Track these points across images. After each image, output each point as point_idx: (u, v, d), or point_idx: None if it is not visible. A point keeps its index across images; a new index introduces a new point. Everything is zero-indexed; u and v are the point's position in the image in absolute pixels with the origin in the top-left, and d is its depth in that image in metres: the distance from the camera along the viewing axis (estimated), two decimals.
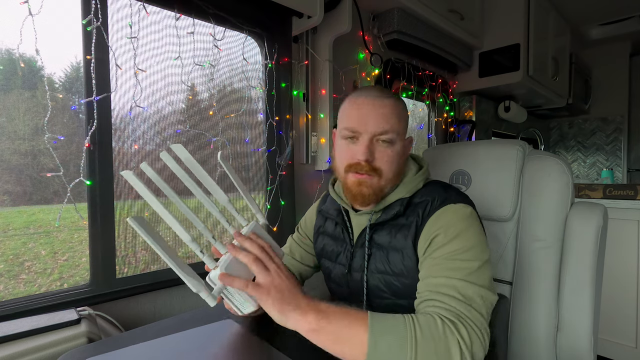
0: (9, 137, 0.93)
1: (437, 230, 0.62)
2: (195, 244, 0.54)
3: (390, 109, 0.67)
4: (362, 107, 0.67)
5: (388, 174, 0.68)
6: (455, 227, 0.61)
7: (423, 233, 0.64)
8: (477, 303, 0.54)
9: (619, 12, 2.60)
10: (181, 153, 0.58)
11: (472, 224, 0.63)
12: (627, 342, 1.76)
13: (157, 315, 1.04)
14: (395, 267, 0.67)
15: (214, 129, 1.22)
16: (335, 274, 0.78)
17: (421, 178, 0.72)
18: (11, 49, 0.87)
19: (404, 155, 0.71)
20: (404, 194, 0.70)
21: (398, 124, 0.67)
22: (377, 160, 0.67)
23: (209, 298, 0.53)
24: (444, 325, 0.50)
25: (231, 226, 0.62)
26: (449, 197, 0.66)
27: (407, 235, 0.66)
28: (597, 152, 3.46)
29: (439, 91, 2.13)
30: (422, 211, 0.66)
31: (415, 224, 0.66)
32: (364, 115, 0.66)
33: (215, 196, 0.62)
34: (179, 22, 1.10)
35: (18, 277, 0.96)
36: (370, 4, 1.61)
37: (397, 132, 0.67)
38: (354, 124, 0.67)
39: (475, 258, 0.58)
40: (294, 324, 0.51)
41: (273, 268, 0.55)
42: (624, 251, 1.77)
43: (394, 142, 0.67)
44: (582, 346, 0.78)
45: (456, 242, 0.59)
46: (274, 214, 1.36)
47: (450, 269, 0.57)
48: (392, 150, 0.67)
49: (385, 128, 0.66)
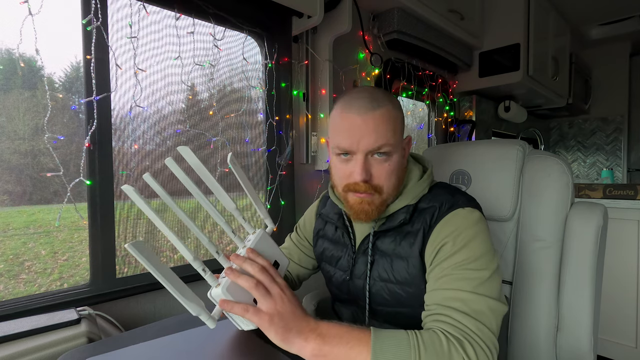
0: (9, 137, 0.93)
1: (445, 238, 0.60)
2: (198, 262, 0.53)
3: (382, 120, 0.61)
4: (353, 124, 0.61)
5: (389, 189, 0.65)
6: (464, 235, 0.59)
7: (430, 240, 0.62)
8: (486, 317, 0.53)
9: (619, 12, 2.60)
10: (188, 157, 0.55)
11: (481, 230, 0.61)
12: (627, 342, 1.76)
13: (157, 315, 1.04)
14: (400, 276, 0.65)
15: (214, 129, 1.22)
16: (336, 279, 0.77)
17: (426, 183, 0.69)
18: (11, 49, 0.87)
19: (403, 162, 0.68)
20: (409, 201, 0.67)
21: (393, 134, 0.62)
22: (375, 178, 0.63)
23: (209, 321, 0.52)
24: (449, 343, 0.49)
25: (237, 237, 0.60)
26: (457, 201, 0.64)
27: (414, 243, 0.64)
28: (597, 152, 3.46)
29: (439, 91, 2.13)
30: (429, 218, 0.64)
31: (422, 231, 0.64)
32: (355, 133, 0.61)
33: (223, 203, 0.60)
34: (179, 21, 1.10)
35: (18, 277, 0.96)
36: (370, 3, 1.61)
37: (392, 144, 0.62)
38: (345, 144, 0.62)
39: (485, 267, 0.56)
40: (297, 350, 0.50)
41: (276, 292, 0.53)
42: (624, 251, 1.77)
43: (390, 154, 0.63)
44: (582, 346, 0.78)
45: (465, 251, 0.58)
46: (274, 213, 1.36)
47: (459, 279, 0.56)
48: (390, 164, 0.63)
49: (380, 143, 0.61)
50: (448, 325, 0.52)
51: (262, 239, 0.63)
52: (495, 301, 0.55)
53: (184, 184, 0.55)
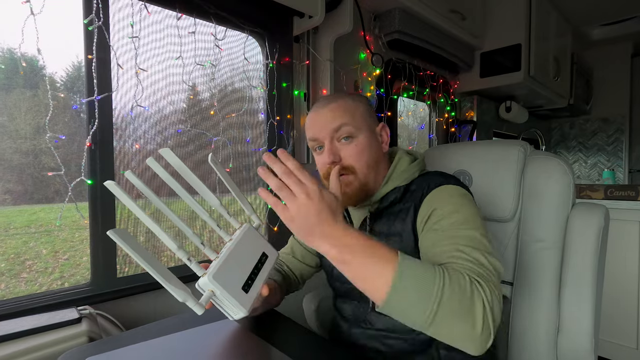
0: (11, 136, 0.93)
1: (433, 206, 0.63)
2: (183, 251, 0.54)
3: (339, 107, 0.69)
4: (316, 116, 0.71)
5: (362, 168, 0.69)
6: (452, 203, 0.62)
7: (420, 212, 0.66)
8: (489, 268, 0.53)
9: (621, 12, 2.59)
10: (170, 158, 0.57)
11: (468, 201, 0.64)
12: (628, 343, 1.76)
13: (157, 314, 1.04)
14: None
15: (215, 129, 1.22)
16: (336, 272, 0.78)
17: (417, 168, 0.73)
18: (13, 49, 0.87)
19: (375, 144, 0.72)
20: (400, 182, 0.72)
21: (353, 118, 0.69)
22: (344, 159, 0.69)
23: (196, 307, 0.52)
24: (471, 281, 0.48)
25: (222, 230, 0.62)
26: (448, 181, 0.68)
27: (405, 219, 0.68)
28: (598, 152, 3.46)
29: (440, 91, 2.13)
30: (419, 195, 0.67)
31: (414, 207, 0.67)
32: (318, 122, 0.70)
33: (207, 200, 0.61)
34: (180, 21, 1.10)
35: (19, 276, 0.96)
36: (372, 4, 1.61)
37: (354, 126, 0.69)
38: (312, 133, 0.71)
39: (475, 228, 0.58)
40: (323, 252, 0.50)
41: (301, 193, 0.49)
42: (625, 252, 1.77)
43: (354, 135, 0.69)
44: (583, 347, 0.78)
45: (455, 215, 0.60)
46: (274, 214, 1.35)
47: (454, 236, 0.57)
48: (357, 144, 0.69)
49: (338, 124, 0.68)
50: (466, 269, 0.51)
51: (248, 232, 0.63)
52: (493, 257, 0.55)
53: (166, 181, 0.57)
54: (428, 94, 2.08)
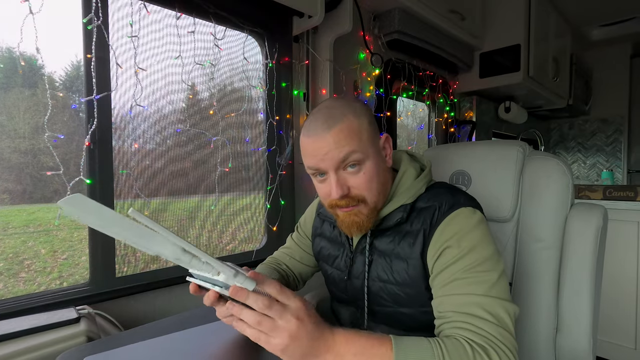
0: (9, 136, 0.93)
1: (448, 240, 0.59)
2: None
3: (343, 131, 0.59)
4: (317, 141, 0.60)
5: (372, 197, 0.63)
6: (468, 238, 0.58)
7: (432, 242, 0.61)
8: (505, 321, 0.52)
9: (620, 13, 2.60)
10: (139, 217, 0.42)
11: (485, 232, 0.60)
12: (626, 343, 1.76)
13: (156, 314, 1.04)
14: (399, 276, 0.64)
15: (214, 128, 1.22)
16: (333, 278, 0.77)
17: (423, 182, 0.68)
18: (12, 48, 0.87)
19: (382, 165, 0.65)
20: (406, 200, 0.66)
21: (359, 142, 0.60)
22: (352, 190, 0.62)
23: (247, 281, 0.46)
24: (474, 351, 0.48)
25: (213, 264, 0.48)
26: (457, 201, 0.63)
27: (414, 244, 0.63)
28: (597, 153, 3.47)
29: (439, 91, 2.13)
30: (429, 218, 0.63)
31: (423, 232, 0.62)
32: (319, 150, 0.60)
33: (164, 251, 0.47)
34: (180, 21, 1.10)
35: (18, 276, 0.96)
36: (371, 4, 1.61)
37: (362, 152, 0.60)
38: (313, 163, 0.62)
39: (493, 269, 0.56)
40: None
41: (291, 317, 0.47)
42: (624, 252, 1.77)
43: (362, 162, 0.61)
44: (581, 347, 0.78)
45: (472, 254, 0.57)
46: (274, 213, 1.36)
47: (470, 283, 0.55)
48: (365, 172, 0.61)
49: (344, 153, 0.59)
50: (470, 333, 0.51)
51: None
52: (509, 302, 0.54)
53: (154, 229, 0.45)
54: (427, 94, 2.08)
